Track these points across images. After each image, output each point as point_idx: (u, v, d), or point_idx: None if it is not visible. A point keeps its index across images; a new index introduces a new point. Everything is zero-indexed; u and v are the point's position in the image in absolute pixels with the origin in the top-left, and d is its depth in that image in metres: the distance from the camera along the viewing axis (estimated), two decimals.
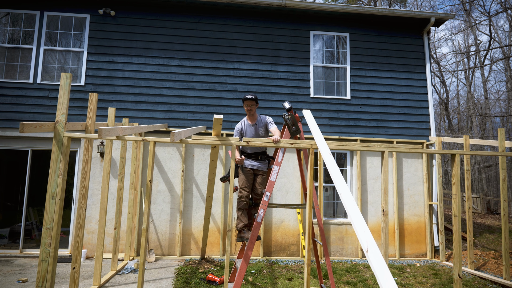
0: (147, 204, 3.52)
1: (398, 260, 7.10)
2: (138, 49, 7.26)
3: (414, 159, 7.69)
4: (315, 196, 4.03)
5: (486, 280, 5.72)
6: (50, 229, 3.34)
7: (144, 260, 3.46)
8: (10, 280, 4.91)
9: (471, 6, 19.74)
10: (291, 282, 5.26)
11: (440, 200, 7.19)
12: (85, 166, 4.04)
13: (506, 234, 5.51)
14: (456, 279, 3.93)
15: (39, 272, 3.28)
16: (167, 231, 6.85)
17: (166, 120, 7.13)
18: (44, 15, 7.12)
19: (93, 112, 4.19)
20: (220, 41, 7.48)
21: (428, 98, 7.89)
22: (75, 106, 6.83)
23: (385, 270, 1.78)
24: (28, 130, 3.23)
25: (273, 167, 3.95)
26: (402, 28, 8.01)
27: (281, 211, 7.17)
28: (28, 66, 6.99)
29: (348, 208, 2.49)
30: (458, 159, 4.12)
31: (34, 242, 6.73)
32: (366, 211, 7.41)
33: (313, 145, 3.69)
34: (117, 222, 5.46)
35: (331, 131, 7.51)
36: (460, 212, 4.27)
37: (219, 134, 3.83)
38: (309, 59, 7.69)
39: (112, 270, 5.37)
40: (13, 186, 7.00)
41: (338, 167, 3.09)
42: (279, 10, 7.54)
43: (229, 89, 7.38)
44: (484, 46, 21.41)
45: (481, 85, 26.35)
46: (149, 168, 3.59)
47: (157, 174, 6.96)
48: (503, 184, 5.64)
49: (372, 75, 7.81)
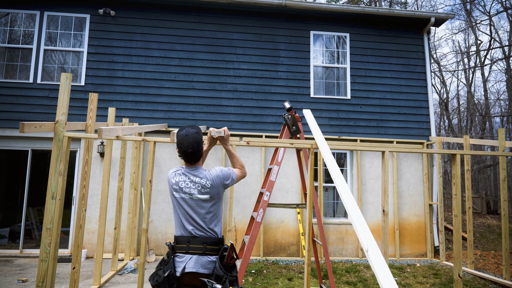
0: (147, 204, 3.52)
1: (398, 260, 7.10)
2: (138, 49, 7.26)
3: (414, 159, 7.69)
4: (315, 196, 4.03)
5: (486, 280, 5.72)
6: (50, 229, 3.34)
7: (144, 260, 3.46)
8: (10, 280, 4.91)
9: (471, 6, 19.74)
10: (291, 282, 5.26)
11: (440, 200, 7.19)
12: (85, 166, 4.04)
13: (506, 234, 5.51)
14: (456, 279, 3.93)
15: (39, 272, 3.28)
16: (167, 231, 6.85)
17: (166, 120, 7.13)
18: (44, 15, 7.12)
19: (93, 112, 4.19)
20: (220, 41, 7.48)
21: (428, 98, 7.89)
22: (75, 106, 6.83)
23: (385, 270, 1.78)
24: (28, 130, 3.23)
25: (273, 167, 3.95)
26: (402, 28, 8.01)
27: (281, 211, 7.17)
28: (28, 66, 6.99)
29: (348, 208, 2.49)
30: (458, 159, 4.11)
31: (34, 242, 6.73)
32: (366, 211, 7.41)
33: (313, 145, 3.69)
34: (117, 222, 5.46)
35: (331, 131, 7.51)
36: (460, 212, 4.27)
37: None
38: (309, 59, 7.69)
39: (112, 270, 5.37)
40: (13, 186, 7.00)
41: (338, 167, 3.08)
42: (279, 10, 7.54)
43: (229, 89, 7.38)
44: (484, 46, 21.41)
45: (481, 85, 26.38)
46: (149, 168, 3.59)
47: (157, 174, 6.95)
48: (503, 184, 5.63)
49: (372, 75, 7.81)
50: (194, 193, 2.22)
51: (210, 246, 2.16)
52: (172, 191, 2.28)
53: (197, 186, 2.24)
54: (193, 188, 2.24)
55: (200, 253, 2.13)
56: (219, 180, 2.30)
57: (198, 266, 2.09)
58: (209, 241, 2.17)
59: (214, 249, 2.16)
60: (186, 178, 2.27)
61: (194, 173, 2.28)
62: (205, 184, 2.25)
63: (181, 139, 2.27)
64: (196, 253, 2.13)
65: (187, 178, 2.27)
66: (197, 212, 2.21)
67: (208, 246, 2.15)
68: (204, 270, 2.10)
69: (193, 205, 2.22)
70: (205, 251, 2.14)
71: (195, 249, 2.14)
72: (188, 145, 2.24)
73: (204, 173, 2.30)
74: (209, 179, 2.28)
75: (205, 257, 2.13)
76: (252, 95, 7.41)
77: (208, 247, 2.15)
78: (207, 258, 2.13)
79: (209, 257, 2.14)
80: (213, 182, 2.27)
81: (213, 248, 2.16)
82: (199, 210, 2.22)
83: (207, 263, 2.12)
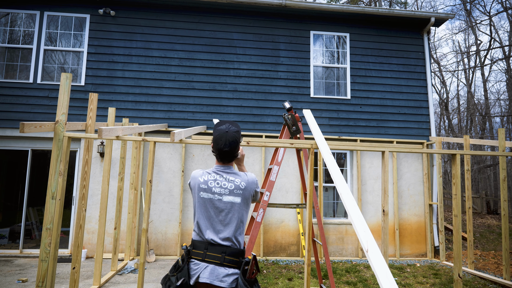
0: (147, 204, 3.52)
1: (398, 260, 7.10)
2: (138, 49, 7.26)
3: (414, 159, 7.69)
4: (315, 196, 4.03)
5: (486, 280, 5.72)
6: (50, 229, 3.34)
7: (144, 260, 3.46)
8: (10, 280, 4.91)
9: (471, 6, 19.74)
10: (291, 282, 5.26)
11: (440, 200, 7.19)
12: (85, 166, 4.04)
13: (506, 234, 5.51)
14: (456, 279, 3.93)
15: (39, 272, 3.28)
16: (167, 231, 6.85)
17: (166, 120, 7.13)
18: (44, 15, 7.12)
19: (93, 112, 4.19)
20: (220, 41, 7.48)
21: (428, 98, 7.89)
22: (75, 106, 6.83)
23: (385, 270, 1.78)
24: (28, 130, 3.23)
25: (273, 167, 3.95)
26: (402, 28, 8.01)
27: (281, 211, 7.17)
28: (28, 66, 6.99)
29: (348, 208, 2.49)
30: (458, 159, 4.11)
31: (34, 242, 6.73)
32: (366, 211, 7.41)
33: (313, 145, 3.69)
34: (117, 222, 5.46)
35: (331, 131, 7.51)
36: (460, 212, 4.27)
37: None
38: (309, 59, 7.69)
39: (112, 270, 5.37)
40: (13, 186, 7.00)
41: (338, 167, 3.08)
42: (279, 10, 7.54)
43: (229, 89, 7.38)
44: (484, 46, 21.40)
45: (481, 85, 26.37)
46: (149, 168, 3.59)
47: (157, 174, 6.95)
48: (503, 184, 5.63)
49: (372, 75, 7.81)
50: (225, 193, 2.02)
51: (229, 257, 1.92)
52: (199, 191, 2.04)
53: (229, 186, 2.04)
54: (224, 188, 2.03)
55: (217, 263, 1.90)
56: (253, 185, 2.11)
57: (213, 277, 1.88)
58: (229, 251, 1.93)
59: (234, 261, 1.93)
60: (217, 176, 2.06)
61: (227, 171, 2.09)
62: (239, 184, 2.05)
63: (220, 135, 2.06)
64: (213, 262, 1.91)
65: (219, 176, 2.07)
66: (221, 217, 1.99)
67: (227, 257, 1.92)
68: (219, 283, 1.86)
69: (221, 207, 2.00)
70: (223, 261, 1.91)
71: (212, 258, 1.92)
72: (226, 143, 2.04)
73: (240, 173, 2.13)
74: (244, 180, 2.09)
75: (222, 268, 1.89)
76: (252, 95, 7.41)
77: (227, 257, 1.92)
78: (225, 270, 1.90)
79: (227, 269, 1.90)
80: (247, 184, 2.08)
81: (232, 260, 1.92)
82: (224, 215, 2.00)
83: (223, 276, 1.88)
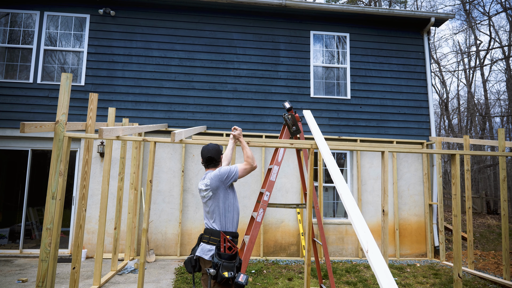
0: (147, 204, 3.52)
1: (398, 260, 7.10)
2: (138, 49, 7.26)
3: (414, 159, 7.69)
4: (315, 196, 4.03)
5: (486, 280, 5.72)
6: (50, 229, 3.34)
7: (144, 260, 3.46)
8: (10, 280, 4.91)
9: (470, 6, 19.74)
10: (291, 282, 5.26)
11: (440, 200, 7.19)
12: (85, 166, 4.04)
13: (506, 234, 5.51)
14: (456, 279, 3.93)
15: (39, 272, 3.28)
16: (167, 231, 6.85)
17: (166, 120, 7.13)
18: (44, 15, 7.11)
19: (93, 112, 4.19)
20: (220, 41, 7.48)
21: (428, 98, 7.89)
22: (75, 106, 6.83)
23: (385, 270, 1.79)
24: (28, 130, 3.23)
25: (273, 167, 3.95)
26: (402, 28, 8.01)
27: (281, 211, 7.17)
28: (28, 66, 6.99)
29: (348, 208, 2.49)
30: (458, 159, 4.12)
31: (34, 242, 6.73)
32: (366, 211, 7.41)
33: (313, 145, 3.69)
34: (117, 222, 5.46)
35: (331, 131, 7.51)
36: (460, 212, 4.27)
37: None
38: (309, 59, 7.69)
39: (112, 270, 5.37)
40: (13, 186, 7.00)
41: (338, 167, 3.09)
42: (279, 10, 7.54)
43: (229, 89, 7.38)
44: (484, 46, 21.41)
45: (481, 85, 26.35)
46: (150, 168, 3.59)
47: (157, 174, 6.96)
48: (503, 184, 5.63)
49: (372, 75, 7.81)
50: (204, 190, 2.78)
51: (213, 237, 2.68)
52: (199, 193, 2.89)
53: (203, 186, 2.79)
54: (203, 190, 2.80)
55: (205, 242, 2.71)
56: (216, 178, 2.73)
57: (201, 252, 2.67)
58: (213, 233, 2.69)
59: (215, 240, 2.66)
60: (201, 180, 2.86)
61: (205, 176, 2.84)
62: (206, 183, 2.77)
63: (203, 149, 2.92)
64: (204, 242, 2.72)
65: (203, 179, 2.84)
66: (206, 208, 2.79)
67: (212, 237, 2.68)
68: (205, 256, 2.64)
69: (204, 201, 2.80)
70: (209, 240, 2.69)
71: (205, 239, 2.73)
72: (208, 152, 2.86)
73: (209, 174, 2.80)
74: (209, 178, 2.77)
75: (207, 246, 2.67)
76: (252, 95, 7.41)
77: (211, 237, 2.68)
78: (208, 246, 2.67)
79: (210, 246, 2.66)
80: (211, 181, 2.74)
81: (215, 239, 2.67)
82: (205, 208, 2.81)
83: (207, 251, 2.65)
